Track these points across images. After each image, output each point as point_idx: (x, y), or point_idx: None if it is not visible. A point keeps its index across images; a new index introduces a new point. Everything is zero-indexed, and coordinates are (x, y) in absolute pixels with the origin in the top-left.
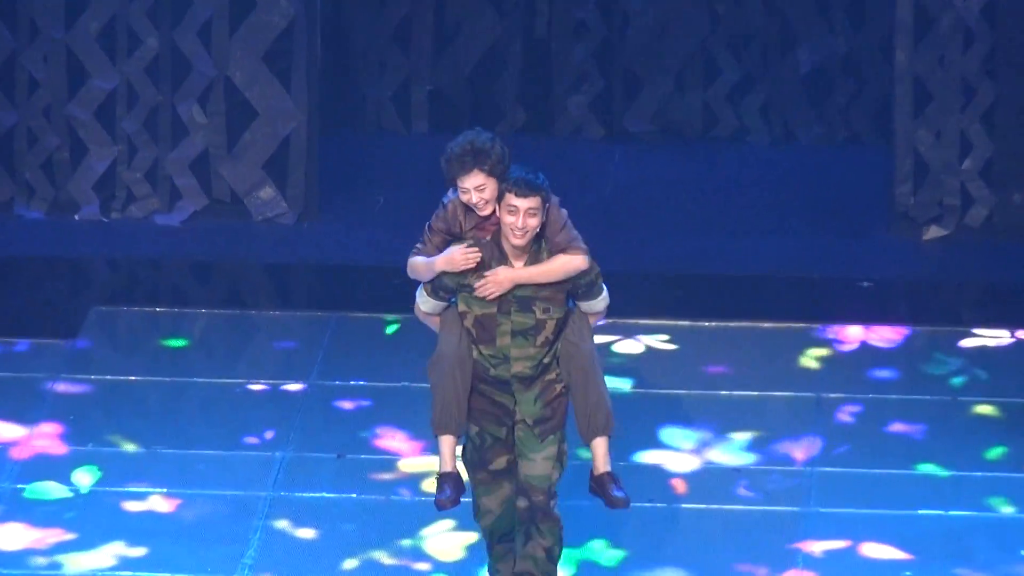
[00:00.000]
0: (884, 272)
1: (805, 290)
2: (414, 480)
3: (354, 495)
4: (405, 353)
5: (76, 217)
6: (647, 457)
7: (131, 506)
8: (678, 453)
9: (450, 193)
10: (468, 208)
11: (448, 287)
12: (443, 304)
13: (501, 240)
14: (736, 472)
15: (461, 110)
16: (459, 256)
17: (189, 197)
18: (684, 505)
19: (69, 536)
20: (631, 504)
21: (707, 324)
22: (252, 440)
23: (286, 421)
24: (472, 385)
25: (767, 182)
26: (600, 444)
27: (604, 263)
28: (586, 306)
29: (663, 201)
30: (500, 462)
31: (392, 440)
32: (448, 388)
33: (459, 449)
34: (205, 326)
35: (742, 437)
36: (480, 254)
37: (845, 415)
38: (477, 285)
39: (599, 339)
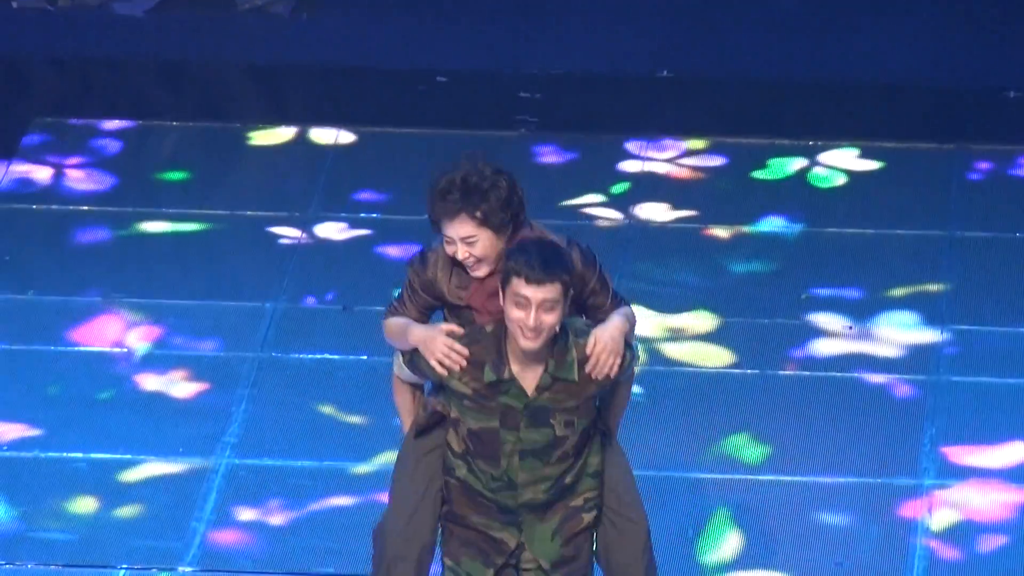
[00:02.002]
0: None
1: (938, 102)
2: None
3: (364, 357)
4: (425, 176)
5: (14, 4)
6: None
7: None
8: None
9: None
10: (455, 262)
11: (426, 374)
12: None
13: (503, 338)
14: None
15: None
16: (440, 349)
17: None
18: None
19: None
20: None
21: (810, 143)
22: (235, 288)
23: (277, 265)
24: (455, 513)
25: None
26: None
27: (686, 68)
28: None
29: None
30: None
31: None
32: None
33: None
34: (176, 143)
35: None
36: (465, 355)
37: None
38: (590, 367)
39: None
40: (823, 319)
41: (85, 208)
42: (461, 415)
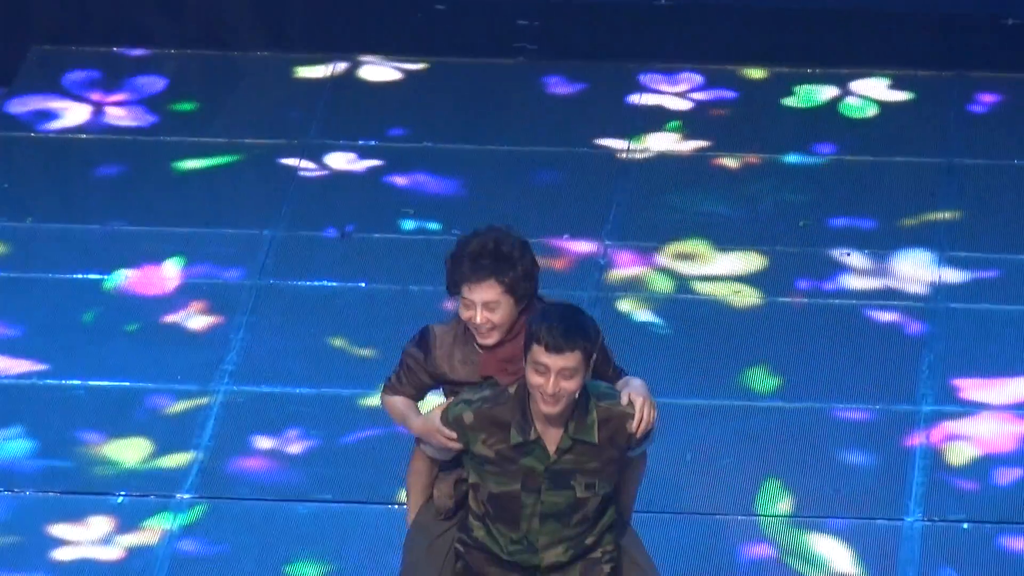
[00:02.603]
0: None
1: (935, 29)
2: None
3: (362, 284)
4: (433, 108)
5: None
6: None
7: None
8: None
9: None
10: (459, 340)
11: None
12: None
13: (526, 399)
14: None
15: None
16: (436, 438)
17: None
18: None
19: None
20: None
21: (809, 71)
22: (233, 215)
23: (277, 192)
24: (470, 565)
25: None
26: None
27: None
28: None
29: None
30: None
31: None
32: None
33: None
34: (175, 71)
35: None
36: (456, 442)
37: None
38: (635, 424)
39: None
40: (827, 249)
41: (84, 136)
42: (481, 480)
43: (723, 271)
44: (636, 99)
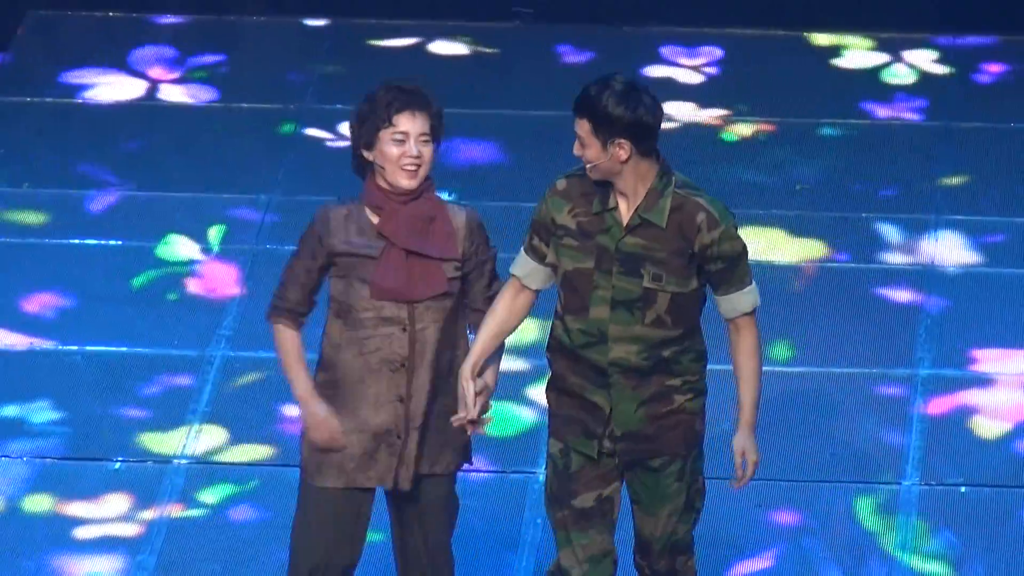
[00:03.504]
0: None
1: None
2: None
3: None
4: (416, 68)
5: None
6: None
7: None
8: None
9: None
10: (353, 215)
11: (544, 234)
12: (539, 268)
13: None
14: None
15: None
16: (323, 437)
17: None
18: None
19: None
20: None
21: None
22: (230, 181)
23: (274, 159)
24: (556, 376)
25: None
26: None
27: None
28: (723, 305)
29: None
30: (589, 498)
31: None
32: None
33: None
34: (173, 36)
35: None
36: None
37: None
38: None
39: None
40: (826, 213)
41: (79, 102)
42: (558, 257)
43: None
44: (649, 69)
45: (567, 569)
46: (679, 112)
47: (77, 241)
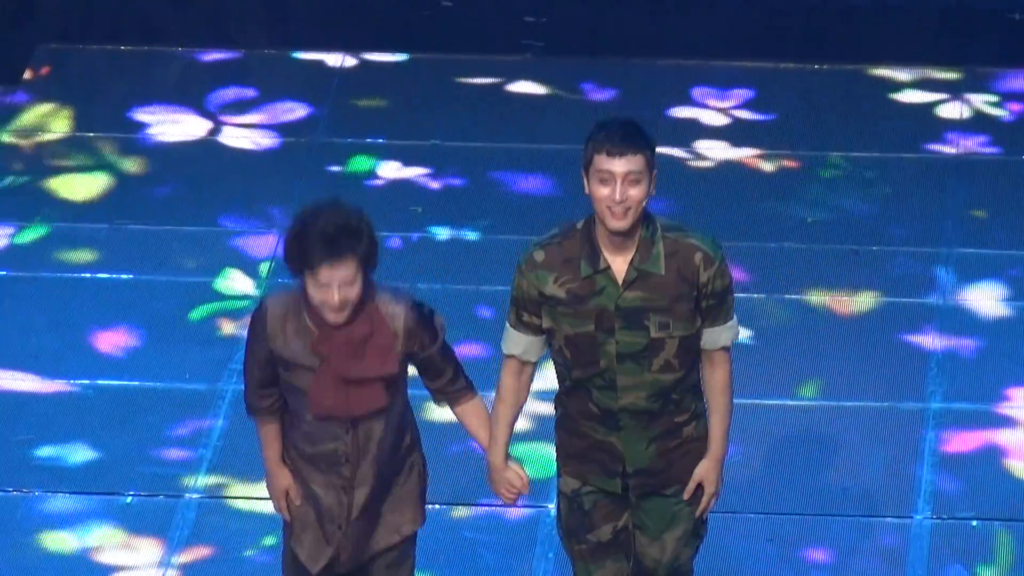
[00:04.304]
0: None
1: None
2: (443, 259)
3: None
4: (428, 98)
5: None
6: None
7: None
8: None
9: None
10: (292, 312)
11: (532, 307)
12: (535, 340)
13: (593, 231)
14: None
15: None
16: (279, 501)
17: None
18: None
19: None
20: None
21: (790, 66)
22: (242, 211)
23: (285, 190)
24: (567, 417)
25: None
26: None
27: None
28: (705, 337)
29: None
30: (606, 531)
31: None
32: None
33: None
34: (183, 70)
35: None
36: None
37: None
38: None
39: None
40: (834, 245)
41: (91, 135)
42: (556, 324)
43: None
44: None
45: None
46: (711, 150)
47: (87, 275)
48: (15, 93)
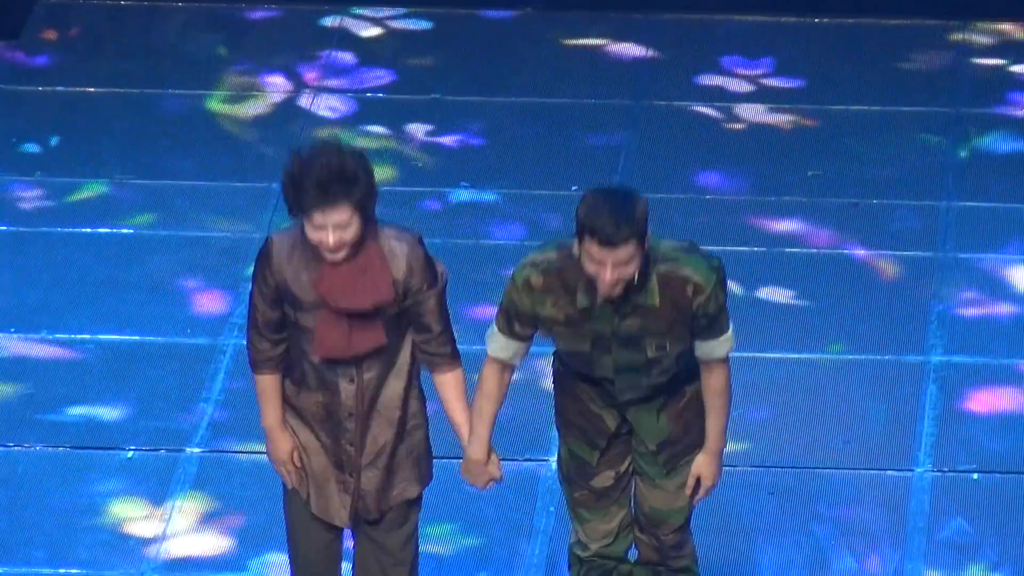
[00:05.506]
0: None
1: None
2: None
3: None
4: (429, 53)
5: None
6: None
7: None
8: None
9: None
10: (298, 246)
11: (526, 321)
12: (523, 346)
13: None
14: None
15: None
16: (283, 467)
17: None
18: None
19: None
20: None
21: (813, 20)
22: (240, 170)
23: (284, 145)
24: (564, 376)
25: None
26: None
27: None
28: (701, 349)
29: None
30: (607, 476)
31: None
32: None
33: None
34: (183, 24)
35: None
36: (297, 480)
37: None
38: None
39: None
40: (836, 199)
41: (91, 90)
42: (553, 337)
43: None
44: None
45: (587, 543)
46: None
47: (90, 230)
48: (15, 50)
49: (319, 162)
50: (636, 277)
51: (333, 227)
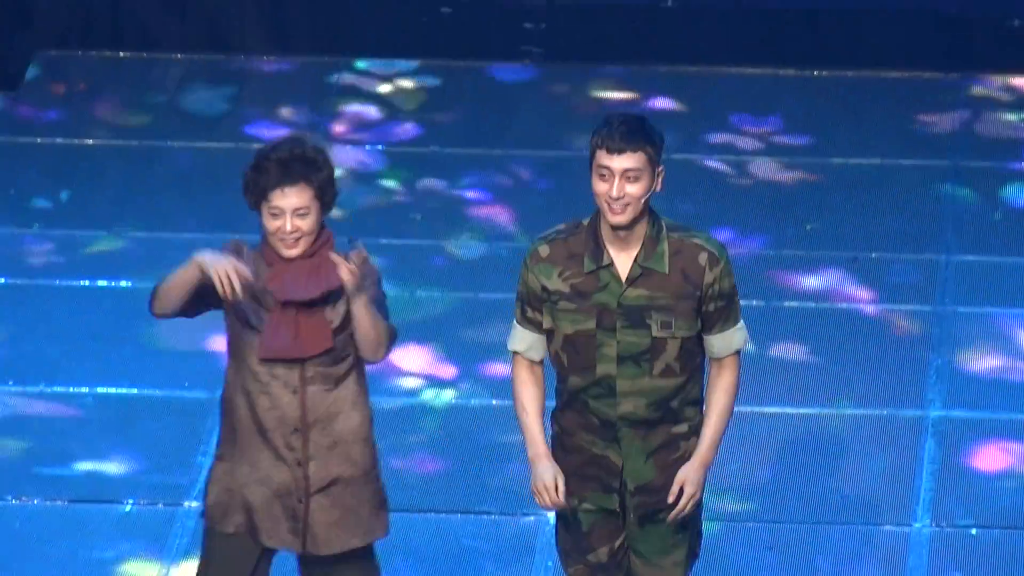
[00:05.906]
0: None
1: (941, 31)
2: (444, 265)
3: None
4: (430, 107)
5: None
6: None
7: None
8: None
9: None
10: (253, 252)
11: (535, 303)
12: (539, 338)
13: (598, 227)
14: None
15: None
16: (226, 268)
17: None
18: None
19: None
20: None
21: (814, 73)
22: (239, 219)
23: None
24: (564, 432)
25: None
26: None
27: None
28: (718, 344)
29: None
30: (603, 553)
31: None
32: None
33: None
34: (182, 76)
35: None
36: (245, 280)
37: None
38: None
39: None
40: (827, 251)
41: (90, 142)
42: (556, 323)
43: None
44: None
45: None
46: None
47: (89, 283)
48: (14, 98)
49: (282, 147)
50: (645, 238)
51: (292, 212)
